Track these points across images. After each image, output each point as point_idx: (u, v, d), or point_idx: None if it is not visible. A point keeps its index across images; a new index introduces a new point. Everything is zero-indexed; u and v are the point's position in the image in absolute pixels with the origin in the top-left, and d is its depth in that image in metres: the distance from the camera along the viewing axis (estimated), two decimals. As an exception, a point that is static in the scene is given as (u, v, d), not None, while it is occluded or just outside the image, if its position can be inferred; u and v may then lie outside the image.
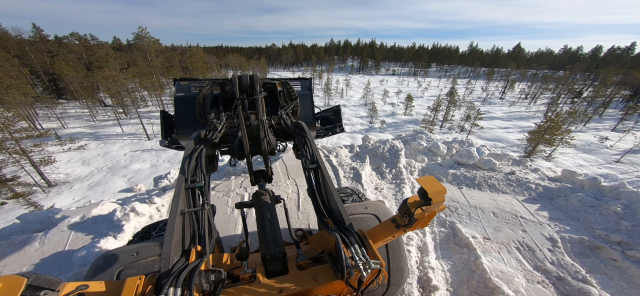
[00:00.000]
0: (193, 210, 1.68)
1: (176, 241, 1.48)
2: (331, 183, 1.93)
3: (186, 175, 1.85)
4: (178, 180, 1.79)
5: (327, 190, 1.92)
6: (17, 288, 0.89)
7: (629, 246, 4.17)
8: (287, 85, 3.64)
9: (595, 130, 41.36)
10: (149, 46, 37.60)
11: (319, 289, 1.42)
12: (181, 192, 1.71)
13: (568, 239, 4.42)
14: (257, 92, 2.33)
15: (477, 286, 3.54)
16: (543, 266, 3.94)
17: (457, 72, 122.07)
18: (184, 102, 3.87)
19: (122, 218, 4.34)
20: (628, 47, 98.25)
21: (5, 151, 16.60)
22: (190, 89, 3.95)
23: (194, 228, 1.65)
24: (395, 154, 6.77)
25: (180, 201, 1.66)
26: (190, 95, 3.90)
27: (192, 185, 1.80)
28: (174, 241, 1.46)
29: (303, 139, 2.33)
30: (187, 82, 3.90)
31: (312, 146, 2.23)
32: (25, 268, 3.68)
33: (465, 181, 6.11)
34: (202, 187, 1.82)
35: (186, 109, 3.92)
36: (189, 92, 3.95)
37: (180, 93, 3.93)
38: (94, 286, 1.14)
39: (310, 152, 2.20)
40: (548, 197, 5.63)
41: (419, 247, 4.12)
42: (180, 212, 1.62)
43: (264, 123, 2.33)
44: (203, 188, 1.81)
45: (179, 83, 3.96)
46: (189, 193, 1.77)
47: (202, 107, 3.45)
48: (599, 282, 3.67)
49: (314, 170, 2.07)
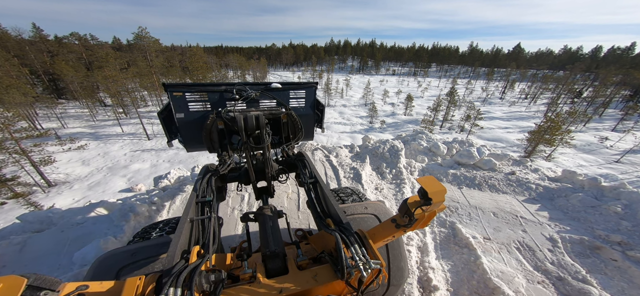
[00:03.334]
0: (200, 218, 1.82)
1: (182, 244, 1.52)
2: (329, 192, 2.01)
3: (198, 192, 2.09)
4: (191, 195, 2.03)
5: (326, 199, 1.99)
6: (17, 288, 0.89)
7: (630, 247, 4.18)
8: (292, 116, 3.63)
9: (595, 130, 41.32)
10: (149, 46, 37.56)
11: (319, 289, 1.42)
12: (192, 204, 1.90)
13: (568, 239, 4.43)
14: (263, 137, 2.42)
15: (478, 287, 3.55)
16: (543, 266, 3.94)
17: (457, 72, 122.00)
18: (185, 125, 3.90)
19: (122, 218, 4.33)
20: (628, 47, 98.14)
21: (5, 151, 16.59)
22: (186, 99, 3.84)
23: (199, 234, 1.74)
24: (395, 154, 6.77)
25: (191, 211, 1.83)
26: (191, 118, 3.90)
27: (203, 199, 2.03)
28: (180, 244, 1.49)
29: (303, 163, 2.60)
30: (181, 92, 3.79)
31: (311, 166, 2.48)
32: (25, 268, 3.68)
33: (465, 181, 6.11)
34: (211, 201, 2.03)
35: (189, 131, 3.99)
36: (186, 107, 3.87)
37: (180, 115, 3.89)
38: (94, 286, 1.14)
39: (309, 170, 2.44)
40: (548, 197, 5.63)
41: (419, 247, 4.12)
42: (190, 219, 1.75)
43: (269, 161, 2.54)
44: (211, 202, 2.03)
45: (172, 94, 3.79)
46: (198, 206, 1.98)
47: (209, 140, 3.53)
48: (600, 282, 3.68)
49: (312, 184, 2.27)
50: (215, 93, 3.96)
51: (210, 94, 3.94)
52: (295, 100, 4.56)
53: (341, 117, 46.24)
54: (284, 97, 4.39)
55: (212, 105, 4.01)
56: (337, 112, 49.63)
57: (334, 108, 52.74)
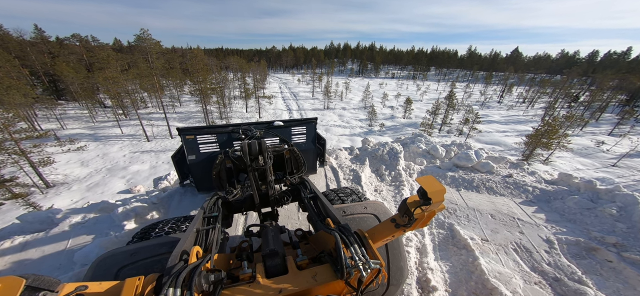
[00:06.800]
0: (206, 228, 1.96)
1: (186, 248, 1.56)
2: (328, 203, 2.11)
3: (206, 209, 2.30)
4: (199, 211, 2.22)
5: (326, 209, 2.07)
6: (15, 288, 0.88)
7: (625, 248, 4.23)
8: (294, 152, 3.88)
9: (592, 134, 41.62)
10: (151, 48, 37.74)
11: (318, 289, 1.41)
12: (199, 218, 2.05)
13: (565, 241, 4.47)
14: (265, 159, 2.60)
15: (476, 287, 3.58)
16: (540, 267, 3.99)
17: (456, 75, 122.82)
18: (196, 166, 4.45)
19: (122, 218, 4.36)
20: (624, 52, 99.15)
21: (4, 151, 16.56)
22: (197, 142, 4.32)
23: (203, 242, 1.81)
24: (394, 157, 6.83)
25: (198, 223, 1.96)
26: (202, 158, 4.37)
27: (209, 214, 2.23)
28: (184, 248, 1.53)
29: (304, 185, 2.82)
30: (193, 135, 4.28)
31: (311, 185, 2.68)
32: (26, 268, 3.69)
33: (463, 183, 6.18)
34: (216, 216, 2.21)
35: (200, 171, 4.51)
36: (197, 149, 4.34)
37: (191, 157, 4.36)
38: (93, 286, 1.14)
39: (309, 187, 2.64)
40: (545, 199, 5.69)
41: (418, 248, 4.16)
42: (196, 230, 1.85)
43: (271, 184, 2.74)
44: (217, 216, 2.21)
45: (185, 137, 4.27)
46: (205, 220, 2.15)
47: (218, 179, 3.78)
48: (595, 283, 3.71)
49: (312, 199, 2.42)
50: (223, 134, 4.35)
51: (218, 136, 4.34)
52: (297, 136, 4.85)
53: (341, 120, 46.36)
54: (286, 134, 4.67)
55: (221, 145, 4.40)
56: (336, 115, 49.75)
57: (333, 111, 52.87)
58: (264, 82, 79.81)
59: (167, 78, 54.35)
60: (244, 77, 53.01)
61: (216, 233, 1.93)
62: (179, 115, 43.81)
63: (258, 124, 4.55)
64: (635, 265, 3.94)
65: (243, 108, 52.19)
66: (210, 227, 1.96)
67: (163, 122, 35.89)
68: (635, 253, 4.08)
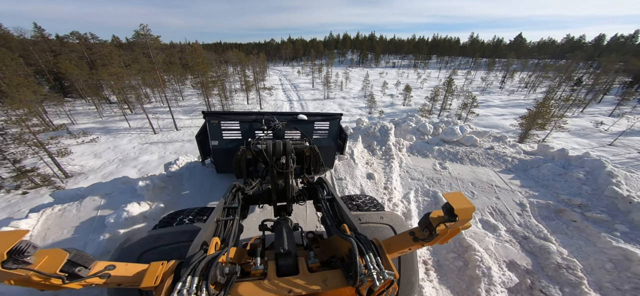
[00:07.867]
0: (225, 218, 2.06)
1: (206, 238, 1.67)
2: (346, 208, 2.09)
3: (226, 199, 2.41)
4: (220, 202, 2.35)
5: (342, 214, 2.05)
6: (59, 261, 1.00)
7: (588, 208, 4.65)
8: (314, 151, 3.86)
9: (591, 115, 41.37)
10: (151, 43, 38.09)
11: (328, 293, 1.40)
12: (220, 208, 2.18)
13: (536, 204, 4.91)
14: (288, 162, 2.64)
15: (454, 246, 3.99)
16: (511, 227, 4.40)
17: (458, 63, 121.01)
18: (219, 152, 4.57)
19: (143, 189, 5.01)
20: (632, 35, 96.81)
21: (24, 143, 17.43)
22: (221, 128, 4.41)
23: (221, 232, 1.92)
24: (385, 133, 7.34)
25: (218, 213, 2.08)
26: (224, 146, 4.48)
27: (229, 205, 2.32)
28: (204, 238, 1.63)
29: (322, 186, 2.76)
30: (217, 120, 4.36)
31: (329, 187, 2.62)
32: (65, 231, 4.35)
33: (448, 156, 6.69)
34: (236, 207, 2.31)
35: (221, 157, 4.63)
36: (220, 136, 4.44)
37: (214, 142, 4.45)
38: (120, 267, 1.24)
39: (327, 189, 2.59)
40: (522, 168, 6.19)
41: (404, 213, 4.71)
42: (216, 220, 1.96)
43: (292, 187, 2.82)
44: (237, 208, 2.31)
45: (210, 122, 4.33)
46: (225, 211, 2.26)
47: (238, 168, 3.96)
48: (559, 240, 4.12)
49: (329, 201, 2.37)
50: (246, 122, 4.42)
51: (241, 124, 4.41)
52: (319, 131, 4.77)
53: (340, 109, 46.54)
54: (308, 129, 4.62)
55: (243, 134, 4.46)
56: (336, 104, 49.94)
57: (333, 101, 53.01)
58: (264, 74, 79.74)
59: (168, 73, 54.72)
60: (243, 70, 53.21)
61: (235, 224, 2.01)
62: (183, 108, 44.41)
63: (282, 114, 4.57)
64: (597, 223, 4.32)
65: (244, 100, 52.59)
66: (229, 218, 2.05)
67: (167, 115, 36.55)
68: (597, 213, 4.46)
